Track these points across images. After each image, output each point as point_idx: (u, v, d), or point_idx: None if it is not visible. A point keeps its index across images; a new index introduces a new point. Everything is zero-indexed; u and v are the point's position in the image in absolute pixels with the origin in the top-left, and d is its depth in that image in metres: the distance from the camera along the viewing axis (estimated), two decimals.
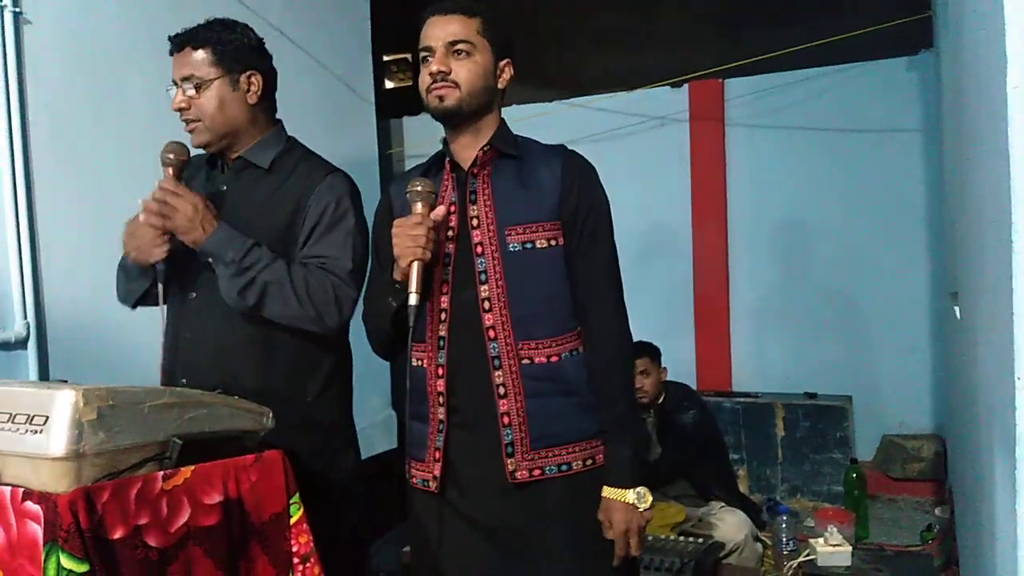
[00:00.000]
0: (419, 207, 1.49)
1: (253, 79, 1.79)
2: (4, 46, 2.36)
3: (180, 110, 1.77)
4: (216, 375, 1.69)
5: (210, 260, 1.71)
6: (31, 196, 2.45)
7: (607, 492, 1.54)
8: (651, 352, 3.39)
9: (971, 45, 1.73)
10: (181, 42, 1.77)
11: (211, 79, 1.75)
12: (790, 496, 4.07)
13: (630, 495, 1.53)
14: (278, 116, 1.90)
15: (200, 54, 1.75)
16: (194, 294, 1.81)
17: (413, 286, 1.47)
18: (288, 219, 1.79)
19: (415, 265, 1.47)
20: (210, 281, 1.76)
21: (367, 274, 1.78)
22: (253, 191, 1.82)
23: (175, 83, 1.78)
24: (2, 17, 2.36)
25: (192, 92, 1.75)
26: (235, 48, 1.77)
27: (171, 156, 1.70)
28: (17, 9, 2.41)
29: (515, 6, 4.88)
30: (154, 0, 2.91)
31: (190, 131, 1.79)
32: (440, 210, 1.52)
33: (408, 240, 1.47)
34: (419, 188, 1.50)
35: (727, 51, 4.48)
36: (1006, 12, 1.08)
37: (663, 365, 3.44)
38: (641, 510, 1.53)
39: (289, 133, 1.91)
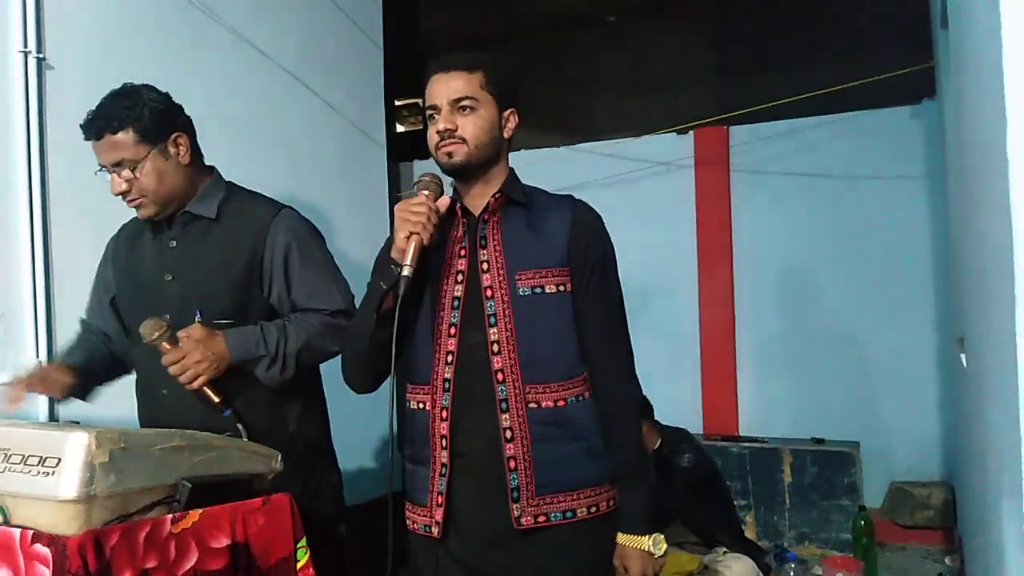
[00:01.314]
0: (425, 194, 1.51)
1: (180, 140, 1.79)
2: (27, 91, 2.42)
3: (122, 193, 1.77)
4: (197, 421, 1.64)
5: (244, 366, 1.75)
6: (47, 237, 2.48)
7: (622, 539, 1.55)
8: (645, 410, 3.42)
9: (972, 97, 1.76)
10: (99, 130, 1.73)
11: (143, 157, 1.74)
12: (798, 543, 4.02)
13: (646, 541, 1.53)
14: (211, 165, 1.91)
15: (123, 136, 1.72)
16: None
17: (408, 259, 1.46)
18: (245, 267, 1.81)
19: (412, 239, 1.47)
20: (178, 328, 1.78)
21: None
22: (203, 243, 1.84)
23: (105, 168, 1.76)
24: (26, 62, 2.42)
25: (129, 174, 1.74)
26: (153, 118, 1.74)
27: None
28: (40, 55, 2.47)
29: (523, 53, 4.98)
30: (175, 46, 2.98)
31: (135, 207, 1.80)
32: (445, 200, 1.54)
33: (409, 215, 1.48)
34: (427, 178, 1.53)
35: (732, 98, 4.56)
36: (1005, 66, 1.11)
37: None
38: (656, 556, 1.54)
39: (306, 177, 1.93)
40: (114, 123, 1.72)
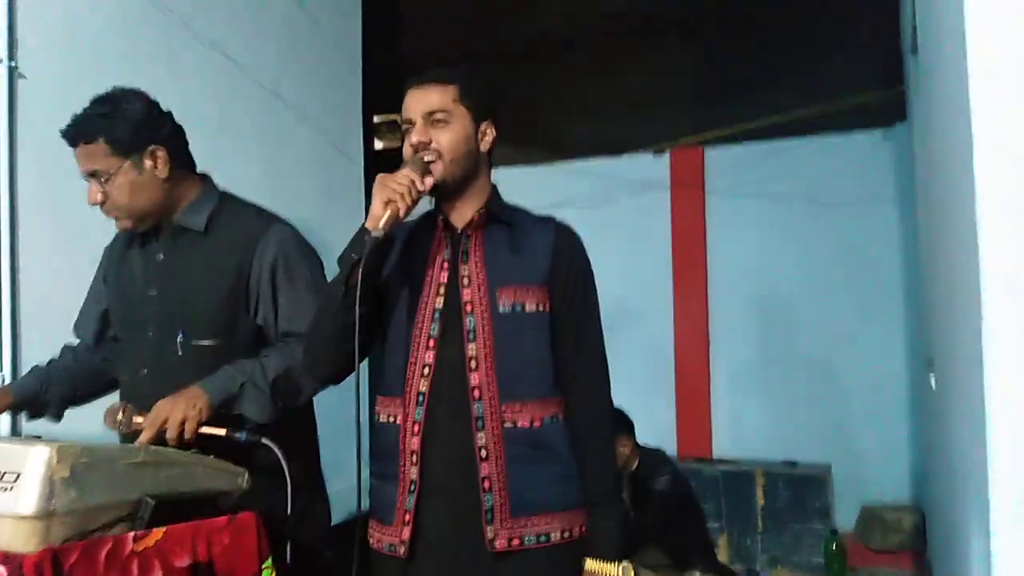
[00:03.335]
0: (409, 169, 1.49)
1: (157, 154, 1.69)
2: None
3: (98, 204, 1.70)
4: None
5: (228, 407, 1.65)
6: (15, 247, 2.44)
7: (591, 565, 1.52)
8: (626, 426, 3.40)
9: (940, 121, 1.79)
10: (73, 137, 1.67)
11: (114, 170, 1.66)
12: (770, 566, 4.03)
13: (615, 569, 1.51)
14: (202, 172, 1.83)
15: (94, 147, 1.65)
16: (145, 371, 1.77)
17: (382, 223, 1.41)
18: (231, 285, 1.73)
19: (389, 207, 1.43)
20: (158, 357, 1.74)
21: None
22: (191, 257, 1.76)
23: (85, 176, 1.70)
24: None
25: (102, 186, 1.68)
26: (127, 130, 1.66)
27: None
28: (13, 63, 2.44)
29: (503, 71, 5.00)
30: (149, 59, 2.96)
31: (113, 219, 1.73)
32: (429, 180, 1.51)
33: (391, 183, 1.45)
34: (417, 158, 1.50)
35: (708, 120, 4.61)
36: (971, 91, 1.13)
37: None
38: None
39: (280, 192, 1.90)
40: (87, 133, 1.65)
